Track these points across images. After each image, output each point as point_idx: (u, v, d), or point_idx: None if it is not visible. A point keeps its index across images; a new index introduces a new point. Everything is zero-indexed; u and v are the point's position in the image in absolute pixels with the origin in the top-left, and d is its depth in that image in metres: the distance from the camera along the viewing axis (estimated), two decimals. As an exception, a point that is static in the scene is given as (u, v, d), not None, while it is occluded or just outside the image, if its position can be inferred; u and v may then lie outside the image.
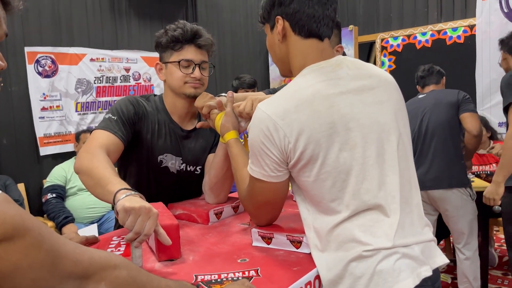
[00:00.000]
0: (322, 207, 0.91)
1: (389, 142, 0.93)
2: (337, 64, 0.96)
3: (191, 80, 1.35)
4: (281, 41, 1.00)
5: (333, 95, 0.90)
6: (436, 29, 4.40)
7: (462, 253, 2.53)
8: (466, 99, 2.50)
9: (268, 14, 1.02)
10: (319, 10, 0.95)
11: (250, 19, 4.83)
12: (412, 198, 0.96)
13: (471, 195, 2.47)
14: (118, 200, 0.97)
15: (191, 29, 1.34)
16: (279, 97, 0.93)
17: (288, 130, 0.87)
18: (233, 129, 1.20)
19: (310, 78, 0.93)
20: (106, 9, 3.55)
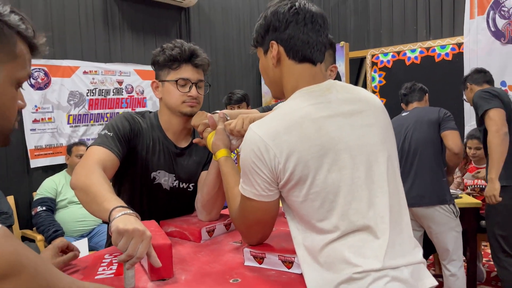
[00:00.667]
0: (312, 227, 0.92)
1: (378, 163, 0.95)
2: (327, 88, 0.98)
3: (188, 99, 1.37)
4: (275, 65, 1.02)
5: (322, 118, 0.92)
6: (425, 46, 4.49)
7: (447, 270, 2.56)
8: (447, 117, 2.57)
9: (262, 38, 1.05)
10: (313, 36, 0.99)
11: (242, 34, 4.89)
12: (402, 219, 0.97)
13: (454, 212, 2.51)
14: (113, 219, 0.97)
15: (189, 49, 1.36)
16: (271, 119, 0.95)
17: (278, 151, 0.90)
18: (224, 147, 1.22)
19: (300, 102, 0.95)
20: (99, 22, 3.57)
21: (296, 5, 0.99)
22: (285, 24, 0.98)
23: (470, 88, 2.76)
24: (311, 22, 0.98)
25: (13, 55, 0.66)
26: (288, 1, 1.00)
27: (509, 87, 3.96)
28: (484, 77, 2.73)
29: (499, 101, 2.39)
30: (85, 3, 3.47)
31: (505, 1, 4.00)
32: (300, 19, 0.98)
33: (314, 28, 0.99)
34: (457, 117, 3.89)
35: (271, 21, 1.00)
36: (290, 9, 0.98)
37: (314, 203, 0.90)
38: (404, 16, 4.65)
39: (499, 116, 2.36)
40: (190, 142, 1.47)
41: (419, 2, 4.54)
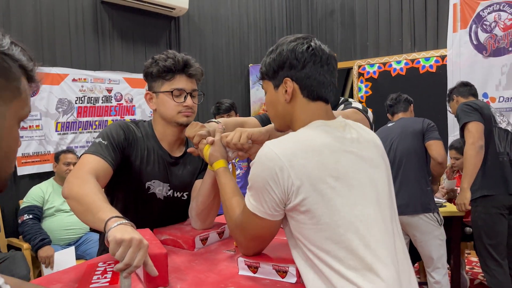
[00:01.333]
0: (317, 255, 0.92)
1: (384, 204, 0.98)
2: (342, 126, 1.01)
3: (184, 109, 1.37)
4: (288, 101, 1.03)
5: (339, 151, 0.94)
6: (410, 58, 4.60)
7: (432, 277, 2.61)
8: (430, 127, 2.65)
9: (274, 73, 1.05)
10: (328, 77, 1.02)
11: (231, 43, 4.93)
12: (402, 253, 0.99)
13: (438, 220, 2.58)
14: (109, 229, 0.98)
15: (182, 59, 1.37)
16: (289, 140, 0.95)
17: (293, 173, 0.90)
18: (222, 158, 1.22)
19: (320, 132, 0.97)
20: (89, 30, 3.57)
21: (312, 45, 1.01)
22: (302, 63, 1.00)
23: (457, 100, 2.86)
24: (326, 63, 1.01)
25: (18, 91, 0.62)
26: (304, 40, 1.02)
27: (490, 99, 4.08)
28: (470, 90, 2.84)
29: (479, 114, 2.50)
30: (75, 10, 3.47)
31: (487, 16, 4.13)
32: (317, 60, 1.00)
33: (329, 70, 1.02)
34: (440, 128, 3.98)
35: (288, 58, 1.01)
36: (308, 49, 1.00)
37: (322, 234, 0.90)
38: (390, 29, 4.76)
39: (477, 129, 2.47)
40: (184, 152, 1.48)
41: (404, 15, 4.65)
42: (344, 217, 0.90)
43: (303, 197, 0.90)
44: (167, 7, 3.94)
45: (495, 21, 4.08)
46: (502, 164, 2.51)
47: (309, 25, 5.41)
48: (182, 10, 4.07)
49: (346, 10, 5.08)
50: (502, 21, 4.05)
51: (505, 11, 4.04)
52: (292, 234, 0.98)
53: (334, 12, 5.18)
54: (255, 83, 5.01)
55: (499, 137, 2.55)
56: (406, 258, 1.00)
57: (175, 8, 3.98)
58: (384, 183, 1.02)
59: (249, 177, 0.99)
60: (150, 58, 1.41)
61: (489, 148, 2.51)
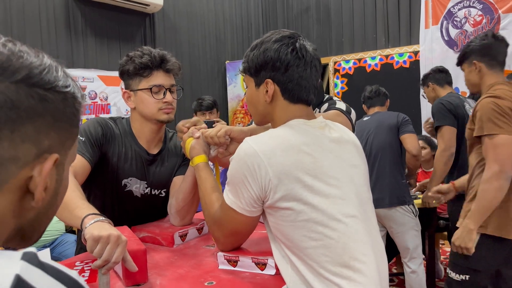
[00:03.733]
0: (297, 253, 0.93)
1: (363, 202, 1.00)
2: (321, 127, 1.02)
3: (164, 105, 1.35)
4: (268, 102, 1.03)
5: (318, 150, 0.95)
6: (384, 54, 4.68)
7: (408, 267, 2.68)
8: (405, 121, 2.71)
9: (256, 71, 1.04)
10: (310, 81, 1.02)
11: (208, 40, 4.90)
12: (380, 250, 1.01)
13: (413, 212, 2.65)
14: (86, 226, 0.97)
15: (158, 54, 1.35)
16: (268, 137, 0.96)
17: (271, 170, 0.90)
18: (203, 153, 1.22)
19: (299, 130, 0.98)
20: (61, 27, 3.49)
21: (297, 47, 0.99)
22: (285, 67, 0.99)
23: (432, 87, 2.88)
24: (310, 67, 1.01)
25: (76, 135, 0.55)
26: (289, 41, 1.00)
27: (462, 93, 4.19)
28: (446, 77, 2.87)
29: (452, 117, 2.54)
30: (46, 7, 3.38)
31: (457, 12, 4.24)
32: (301, 64, 0.99)
33: (312, 73, 1.02)
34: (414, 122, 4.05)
35: (271, 59, 0.99)
36: (292, 52, 0.99)
37: (300, 231, 0.91)
38: (364, 25, 4.83)
39: (450, 134, 2.52)
40: (161, 149, 1.47)
41: (378, 12, 4.73)
42: (322, 215, 0.91)
43: (281, 194, 0.91)
44: (142, 3, 3.88)
45: (465, 17, 4.19)
46: None
47: (285, 22, 5.44)
48: (157, 7, 4.02)
49: (321, 6, 5.13)
50: (472, 17, 4.16)
51: (474, 7, 4.15)
52: (270, 229, 0.99)
53: (309, 9, 5.22)
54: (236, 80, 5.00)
55: None
56: (383, 255, 1.02)
57: (149, 4, 3.93)
58: (363, 182, 1.04)
59: (228, 172, 0.99)
60: (125, 56, 1.39)
61: (461, 147, 2.59)
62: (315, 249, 0.90)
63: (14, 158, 0.45)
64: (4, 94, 0.43)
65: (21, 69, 0.45)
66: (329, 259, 0.89)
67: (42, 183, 0.48)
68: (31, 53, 0.48)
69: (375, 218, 1.06)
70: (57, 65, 0.50)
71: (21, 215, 0.49)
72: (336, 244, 0.90)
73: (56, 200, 0.55)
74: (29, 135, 0.46)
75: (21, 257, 0.39)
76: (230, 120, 5.10)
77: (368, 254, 0.93)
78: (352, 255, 0.90)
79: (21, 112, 0.44)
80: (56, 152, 0.50)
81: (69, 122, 0.51)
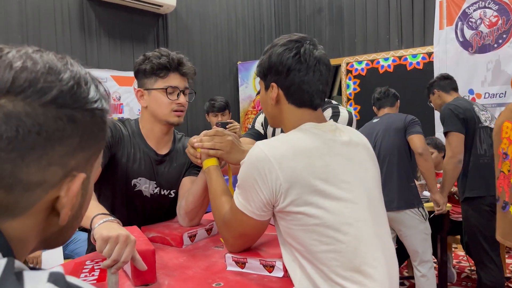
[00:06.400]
0: (307, 256, 0.92)
1: (375, 206, 0.99)
2: (332, 129, 1.01)
3: (176, 106, 1.38)
4: (274, 105, 1.04)
5: (329, 154, 0.95)
6: (397, 55, 4.64)
7: (418, 271, 2.65)
8: (412, 122, 2.68)
9: (264, 75, 1.05)
10: (313, 86, 1.00)
11: (220, 41, 4.92)
12: (392, 254, 1.00)
13: (423, 215, 2.61)
14: (95, 226, 0.98)
15: (176, 57, 1.39)
16: (279, 141, 0.95)
17: (282, 175, 0.90)
18: (213, 157, 1.23)
19: (310, 134, 0.97)
20: (75, 27, 3.54)
21: (301, 51, 0.99)
22: (286, 71, 0.99)
23: (438, 94, 2.88)
24: (313, 71, 0.99)
25: (103, 146, 0.54)
26: (294, 45, 1.00)
27: (476, 95, 4.14)
28: (451, 84, 2.86)
29: (461, 122, 2.54)
30: (61, 7, 3.43)
31: (472, 13, 4.18)
32: (303, 68, 0.98)
33: (315, 78, 1.00)
34: (427, 124, 4.04)
35: (274, 64, 1.00)
36: (294, 56, 0.98)
37: (311, 235, 0.90)
38: (377, 26, 4.79)
39: (457, 141, 2.53)
40: (170, 149, 1.49)
41: (391, 13, 4.69)
42: (333, 219, 0.90)
43: (291, 199, 0.90)
44: (155, 4, 3.91)
45: (481, 18, 4.13)
46: (483, 166, 2.55)
47: (298, 23, 5.43)
48: (170, 8, 4.05)
49: (334, 7, 5.10)
50: (488, 18, 4.10)
51: (490, 8, 4.09)
52: (281, 232, 0.98)
53: (322, 10, 5.20)
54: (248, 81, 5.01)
55: (481, 139, 2.58)
56: (394, 259, 1.01)
57: (162, 5, 3.96)
58: (374, 185, 1.03)
59: (239, 176, 0.99)
60: (141, 55, 1.42)
61: (472, 151, 2.56)
62: (326, 253, 0.89)
63: (41, 182, 0.44)
64: (32, 118, 0.41)
65: (50, 89, 0.43)
66: (339, 263, 0.89)
67: (69, 204, 0.47)
68: (59, 65, 0.45)
69: (386, 222, 1.05)
70: (84, 74, 0.48)
71: (46, 231, 0.48)
72: (347, 248, 0.89)
73: (81, 213, 0.54)
74: (56, 158, 0.44)
75: (47, 279, 0.38)
76: (241, 121, 5.11)
77: (378, 258, 0.93)
78: (362, 259, 0.90)
79: (48, 136, 0.42)
80: (83, 170, 0.48)
81: (96, 138, 0.49)
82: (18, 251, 0.44)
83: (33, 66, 0.43)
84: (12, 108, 0.40)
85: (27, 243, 0.46)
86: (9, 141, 0.40)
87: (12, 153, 0.41)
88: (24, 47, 0.45)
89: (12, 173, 0.41)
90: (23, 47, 0.45)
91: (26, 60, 0.43)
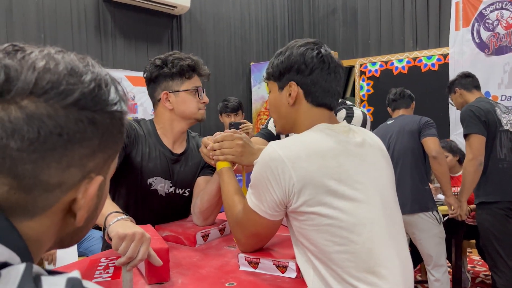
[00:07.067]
0: (319, 256, 0.92)
1: (389, 207, 0.99)
2: (345, 131, 1.01)
3: (202, 105, 1.46)
4: (291, 105, 1.04)
5: (343, 155, 0.95)
6: (411, 56, 4.59)
7: (432, 275, 2.62)
8: (427, 124, 2.64)
9: (280, 75, 1.06)
10: (333, 85, 1.03)
11: (233, 41, 4.93)
12: (406, 256, 1.00)
13: (437, 219, 2.58)
14: (109, 224, 1.00)
15: (196, 60, 1.45)
16: (293, 142, 0.96)
17: (296, 175, 0.90)
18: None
19: (324, 135, 0.97)
20: (91, 29, 3.58)
21: (322, 52, 1.01)
22: (310, 69, 1.00)
23: (460, 93, 2.81)
24: (334, 72, 1.02)
25: (120, 147, 0.54)
26: (314, 46, 1.02)
27: (493, 98, 4.07)
28: (473, 82, 2.79)
29: (482, 124, 2.49)
30: (77, 8, 3.48)
31: (489, 14, 4.12)
32: (325, 67, 1.01)
33: (336, 78, 1.03)
34: (442, 127, 3.99)
35: (296, 62, 1.01)
36: (317, 55, 1.00)
37: (324, 235, 0.90)
38: (391, 27, 4.76)
39: (478, 143, 2.48)
40: (186, 148, 1.50)
41: (406, 13, 4.65)
42: (347, 219, 0.90)
43: (304, 199, 0.90)
44: (169, 5, 3.94)
45: (498, 19, 4.07)
46: (501, 171, 2.51)
47: (311, 24, 5.41)
48: (184, 9, 4.07)
49: (348, 8, 5.08)
50: (505, 20, 4.04)
51: (507, 9, 4.03)
52: (294, 232, 0.98)
53: (336, 11, 5.18)
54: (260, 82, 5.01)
55: (501, 143, 2.53)
56: (409, 260, 1.00)
57: (176, 6, 3.98)
58: (388, 186, 1.02)
59: (252, 175, 0.99)
60: (156, 60, 1.43)
61: (491, 154, 2.52)
62: (339, 254, 0.89)
63: (60, 183, 0.44)
64: (54, 120, 0.42)
65: (72, 92, 0.43)
66: (353, 264, 0.88)
67: (86, 206, 0.48)
68: (80, 66, 0.45)
69: (401, 223, 1.04)
70: (105, 75, 0.48)
71: (62, 231, 0.49)
72: (360, 249, 0.89)
73: (96, 214, 0.54)
74: (75, 160, 0.44)
75: (65, 285, 0.38)
76: (254, 121, 5.11)
77: (393, 259, 0.92)
78: (377, 261, 0.89)
79: (69, 138, 0.43)
80: (100, 171, 0.49)
81: (114, 140, 0.50)
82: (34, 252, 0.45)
83: (55, 67, 0.43)
84: (34, 110, 0.41)
85: (43, 243, 0.47)
86: (31, 142, 0.41)
87: (34, 154, 0.41)
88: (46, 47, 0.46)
89: (33, 174, 0.42)
90: (45, 47, 0.46)
91: (49, 61, 0.43)
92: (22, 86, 0.40)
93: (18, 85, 0.40)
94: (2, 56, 0.42)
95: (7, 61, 0.41)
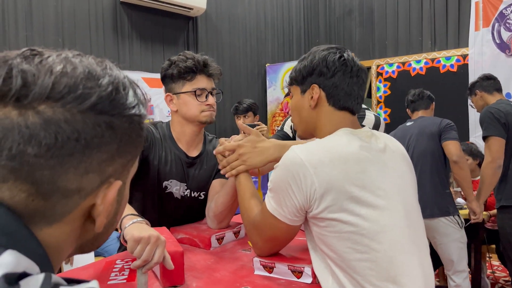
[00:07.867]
0: (339, 264, 0.90)
1: (411, 214, 0.97)
2: (368, 135, 1.00)
3: (207, 108, 1.41)
4: (313, 108, 1.04)
5: (365, 161, 0.93)
6: (430, 57, 4.52)
7: (452, 281, 2.56)
8: (448, 127, 2.58)
9: (303, 78, 1.06)
10: (356, 89, 1.02)
11: (249, 42, 4.93)
12: (428, 264, 0.98)
13: (459, 223, 2.52)
14: (125, 227, 1.00)
15: (202, 59, 1.40)
16: (315, 146, 0.94)
17: (317, 181, 0.88)
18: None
19: (347, 140, 0.96)
20: (109, 31, 3.63)
21: (345, 56, 1.01)
22: (332, 72, 1.00)
23: (480, 95, 2.75)
24: (356, 75, 1.01)
25: (139, 152, 0.53)
26: (337, 50, 1.02)
27: (514, 99, 3.98)
28: (494, 84, 2.73)
29: (502, 126, 2.43)
30: (95, 10, 3.53)
31: (510, 14, 4.03)
32: (348, 70, 1.00)
33: (358, 82, 1.02)
34: (462, 129, 3.91)
35: (318, 65, 1.02)
36: (339, 59, 1.00)
37: (345, 242, 0.88)
38: (409, 28, 4.69)
39: (497, 146, 2.43)
40: (201, 152, 1.50)
41: (424, 14, 4.58)
42: (369, 227, 0.88)
43: (326, 205, 0.89)
44: (185, 7, 3.97)
45: (519, 19, 3.98)
46: None
47: (327, 24, 5.38)
48: (200, 10, 4.09)
49: (364, 8, 5.03)
50: (526, 19, 3.95)
51: (529, 9, 3.94)
52: (313, 238, 0.97)
53: (352, 11, 5.14)
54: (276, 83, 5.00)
55: None
56: (430, 268, 0.98)
57: (193, 8, 4.01)
58: (411, 193, 1.01)
59: (271, 179, 0.98)
60: (166, 60, 1.43)
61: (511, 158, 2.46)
62: (360, 262, 0.87)
63: (78, 189, 0.43)
64: (71, 125, 0.41)
65: (89, 96, 0.42)
66: (374, 273, 0.86)
67: (105, 211, 0.47)
68: (98, 69, 0.45)
69: (423, 230, 1.02)
70: (123, 78, 0.48)
71: (82, 237, 0.49)
72: (382, 257, 0.87)
73: (116, 219, 0.54)
74: (94, 165, 0.44)
75: None
76: (269, 123, 5.11)
77: (414, 268, 0.90)
78: (398, 269, 0.87)
79: (87, 143, 0.42)
80: (119, 176, 0.48)
81: (133, 144, 0.49)
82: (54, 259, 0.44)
83: (73, 71, 0.43)
84: (51, 115, 0.40)
85: (63, 250, 0.46)
86: (48, 147, 0.40)
87: (51, 160, 0.41)
88: (64, 51, 0.45)
89: (51, 180, 0.41)
90: (63, 51, 0.45)
91: (66, 65, 0.43)
92: (39, 91, 0.40)
93: (35, 90, 0.40)
94: (20, 61, 0.42)
95: (25, 66, 0.41)
